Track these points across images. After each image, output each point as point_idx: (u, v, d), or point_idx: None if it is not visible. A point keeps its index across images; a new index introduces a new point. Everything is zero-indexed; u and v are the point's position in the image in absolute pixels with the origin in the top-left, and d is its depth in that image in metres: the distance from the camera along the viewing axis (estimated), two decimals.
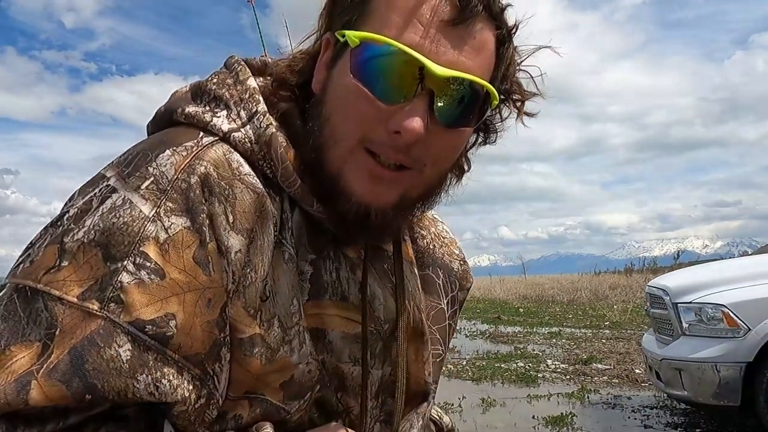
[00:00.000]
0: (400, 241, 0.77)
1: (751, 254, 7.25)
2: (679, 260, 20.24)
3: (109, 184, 0.57)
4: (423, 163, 0.65)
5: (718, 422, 5.18)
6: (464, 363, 8.15)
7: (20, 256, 0.58)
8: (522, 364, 7.99)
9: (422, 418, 0.79)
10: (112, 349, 0.52)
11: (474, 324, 13.33)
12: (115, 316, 0.53)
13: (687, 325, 4.65)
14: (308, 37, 0.72)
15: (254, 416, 0.63)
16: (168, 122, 0.66)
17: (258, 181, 0.62)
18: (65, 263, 0.54)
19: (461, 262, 0.88)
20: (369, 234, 0.68)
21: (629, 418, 5.46)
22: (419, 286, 0.80)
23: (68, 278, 0.53)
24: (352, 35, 0.61)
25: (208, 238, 0.57)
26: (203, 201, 0.57)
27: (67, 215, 0.57)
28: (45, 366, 0.51)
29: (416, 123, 0.60)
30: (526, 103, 0.70)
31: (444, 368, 8.14)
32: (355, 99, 0.62)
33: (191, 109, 0.64)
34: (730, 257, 11.30)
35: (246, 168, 0.62)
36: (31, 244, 0.58)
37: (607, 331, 11.00)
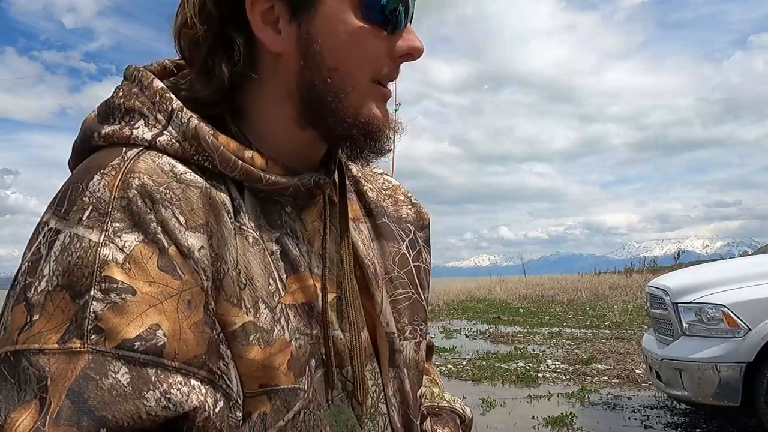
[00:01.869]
0: (345, 183, 0.78)
1: (751, 254, 7.25)
2: (679, 260, 20.25)
3: (51, 227, 0.56)
4: None
5: (718, 422, 5.18)
6: (464, 363, 8.16)
7: None
8: (522, 364, 7.99)
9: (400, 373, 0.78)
10: (109, 377, 0.51)
11: (474, 324, 13.34)
12: (100, 346, 0.52)
13: (687, 325, 4.65)
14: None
15: (277, 408, 0.62)
16: (88, 151, 0.64)
17: (196, 176, 0.61)
18: (36, 317, 0.53)
19: (410, 205, 0.89)
20: (382, 154, 0.72)
21: (629, 418, 5.46)
22: (372, 236, 0.81)
23: (43, 329, 0.52)
24: None
25: (166, 245, 0.56)
26: (148, 211, 0.56)
27: (20, 272, 0.56)
28: (48, 417, 0.49)
29: (419, 40, 0.67)
30: None
31: (444, 368, 8.13)
32: (365, 40, 0.64)
33: (107, 129, 0.63)
34: (730, 257, 11.29)
35: (180, 167, 0.61)
36: (0, 316, 0.56)
37: (607, 331, 11.00)
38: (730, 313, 4.41)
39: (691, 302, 4.66)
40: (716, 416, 5.22)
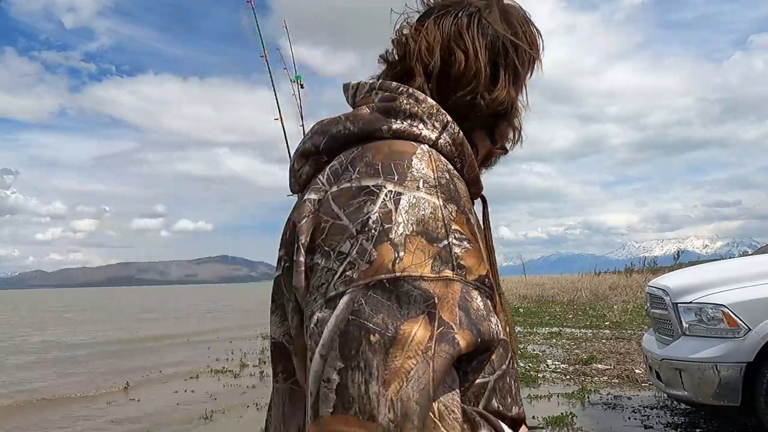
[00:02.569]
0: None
1: (751, 254, 7.25)
2: (679, 260, 20.27)
3: (392, 190, 0.70)
4: None
5: (718, 422, 5.18)
6: None
7: (337, 269, 0.67)
8: (522, 364, 7.99)
9: None
10: (474, 301, 0.67)
11: None
12: (465, 278, 0.68)
13: (687, 325, 4.65)
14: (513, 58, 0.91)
15: (501, 356, 0.80)
16: (359, 140, 0.79)
17: (458, 173, 0.79)
18: (402, 253, 0.66)
19: None
20: None
21: (629, 418, 5.47)
22: None
23: (414, 263, 0.66)
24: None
25: (470, 216, 0.74)
26: (456, 189, 0.74)
27: (371, 220, 0.68)
28: (453, 323, 0.64)
29: None
30: None
31: None
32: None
33: (398, 125, 0.79)
34: (730, 257, 11.28)
35: (449, 164, 0.78)
36: (345, 254, 0.68)
37: (607, 331, 11.01)
38: (730, 313, 4.41)
39: (691, 302, 4.66)
40: (716, 416, 5.22)
